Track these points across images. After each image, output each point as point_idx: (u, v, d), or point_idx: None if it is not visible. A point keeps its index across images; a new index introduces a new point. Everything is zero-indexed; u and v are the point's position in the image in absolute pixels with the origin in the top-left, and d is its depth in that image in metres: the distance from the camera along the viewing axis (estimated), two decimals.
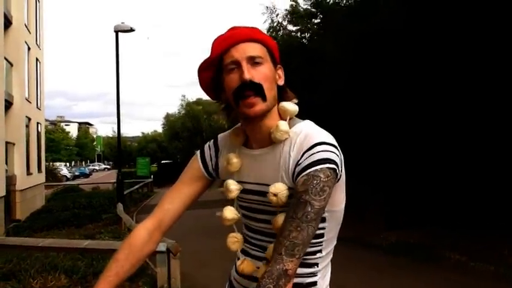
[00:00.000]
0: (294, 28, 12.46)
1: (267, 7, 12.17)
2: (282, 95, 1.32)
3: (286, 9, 12.14)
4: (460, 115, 7.75)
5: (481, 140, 7.65)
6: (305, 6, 11.72)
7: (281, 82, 1.32)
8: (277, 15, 12.24)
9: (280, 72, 1.33)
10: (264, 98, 1.23)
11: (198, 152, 1.48)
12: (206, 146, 1.48)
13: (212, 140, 1.48)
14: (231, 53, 1.24)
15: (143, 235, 1.36)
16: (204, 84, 1.35)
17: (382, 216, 9.29)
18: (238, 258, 1.40)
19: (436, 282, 5.87)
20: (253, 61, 1.23)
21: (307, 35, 12.41)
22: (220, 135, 1.48)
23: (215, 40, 1.28)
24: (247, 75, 1.21)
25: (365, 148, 9.56)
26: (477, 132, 7.63)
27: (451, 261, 6.78)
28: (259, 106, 1.23)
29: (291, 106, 1.30)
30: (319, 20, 11.73)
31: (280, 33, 12.58)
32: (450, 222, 8.01)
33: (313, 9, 11.48)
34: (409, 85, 8.10)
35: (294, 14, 11.99)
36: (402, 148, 8.86)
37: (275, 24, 12.39)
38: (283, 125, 1.26)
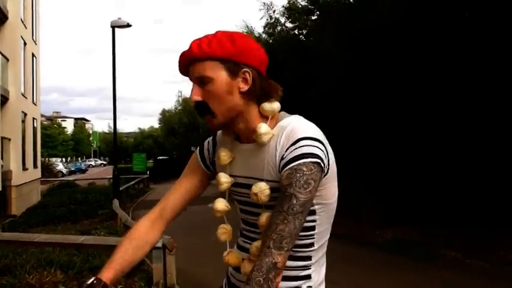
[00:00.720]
0: (292, 25, 12.47)
1: (264, 3, 12.19)
2: (262, 94, 1.28)
3: (283, 6, 12.16)
4: (457, 113, 7.77)
5: (478, 139, 7.66)
6: (303, 3, 11.73)
7: (245, 88, 1.26)
8: (274, 11, 12.26)
9: (247, 75, 1.25)
10: (212, 115, 1.27)
11: (199, 147, 1.52)
12: (206, 140, 1.51)
13: (212, 136, 1.51)
14: (188, 73, 1.30)
15: (146, 224, 1.42)
16: None
17: (378, 214, 9.30)
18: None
19: (432, 280, 5.88)
20: (201, 81, 1.26)
21: (304, 31, 12.41)
22: (219, 131, 1.49)
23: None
24: (193, 98, 1.28)
25: (362, 145, 9.57)
26: (474, 130, 7.64)
27: (447, 259, 6.80)
28: (211, 122, 1.29)
29: (269, 107, 1.29)
30: (316, 17, 11.72)
31: (278, 29, 12.58)
32: (446, 219, 8.03)
33: (311, 6, 11.47)
34: (406, 81, 8.11)
35: (291, 10, 11.98)
36: (399, 145, 8.87)
37: (272, 20, 12.40)
38: (263, 128, 1.27)
